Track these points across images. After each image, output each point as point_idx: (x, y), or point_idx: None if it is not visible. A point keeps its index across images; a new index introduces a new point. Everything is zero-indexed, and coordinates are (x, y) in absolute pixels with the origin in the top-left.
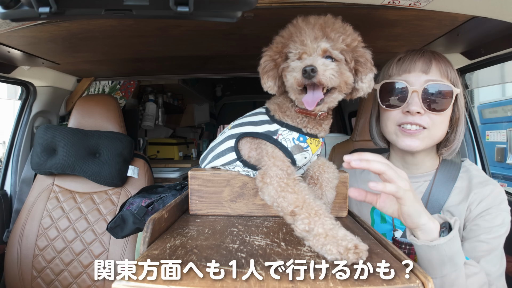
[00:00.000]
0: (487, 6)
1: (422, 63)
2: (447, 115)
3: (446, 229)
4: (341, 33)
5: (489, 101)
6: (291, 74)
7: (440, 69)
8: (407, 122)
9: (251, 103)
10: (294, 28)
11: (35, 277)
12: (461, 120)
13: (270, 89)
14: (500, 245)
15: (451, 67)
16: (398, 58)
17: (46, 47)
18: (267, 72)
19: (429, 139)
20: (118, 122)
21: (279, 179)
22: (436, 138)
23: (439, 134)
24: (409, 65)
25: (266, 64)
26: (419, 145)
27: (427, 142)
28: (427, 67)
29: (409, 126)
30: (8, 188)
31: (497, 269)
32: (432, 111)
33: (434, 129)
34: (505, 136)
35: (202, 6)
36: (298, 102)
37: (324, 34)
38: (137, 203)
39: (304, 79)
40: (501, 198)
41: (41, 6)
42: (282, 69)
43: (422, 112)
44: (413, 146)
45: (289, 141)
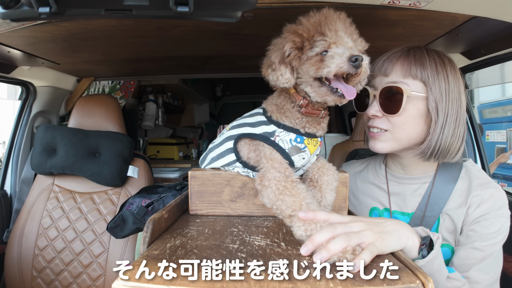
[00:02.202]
0: (487, 6)
1: (386, 65)
2: (408, 116)
3: (426, 247)
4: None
5: (489, 101)
6: (332, 61)
7: (403, 69)
8: (370, 125)
9: (251, 103)
10: (323, 17)
11: (35, 277)
12: (435, 120)
13: (287, 82)
14: (494, 252)
15: (424, 64)
16: (374, 62)
17: (46, 47)
18: (290, 61)
19: (393, 141)
20: (118, 122)
21: (277, 181)
22: (402, 139)
23: (403, 136)
24: (375, 69)
25: (291, 51)
26: (384, 147)
27: (393, 144)
28: (387, 69)
29: (372, 128)
30: (8, 188)
31: (490, 277)
32: (388, 113)
33: (395, 131)
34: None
35: (202, 6)
36: (317, 95)
37: (351, 32)
38: (137, 203)
39: (351, 67)
40: (501, 203)
41: (41, 6)
42: (307, 58)
43: (379, 115)
44: (377, 148)
45: (286, 142)
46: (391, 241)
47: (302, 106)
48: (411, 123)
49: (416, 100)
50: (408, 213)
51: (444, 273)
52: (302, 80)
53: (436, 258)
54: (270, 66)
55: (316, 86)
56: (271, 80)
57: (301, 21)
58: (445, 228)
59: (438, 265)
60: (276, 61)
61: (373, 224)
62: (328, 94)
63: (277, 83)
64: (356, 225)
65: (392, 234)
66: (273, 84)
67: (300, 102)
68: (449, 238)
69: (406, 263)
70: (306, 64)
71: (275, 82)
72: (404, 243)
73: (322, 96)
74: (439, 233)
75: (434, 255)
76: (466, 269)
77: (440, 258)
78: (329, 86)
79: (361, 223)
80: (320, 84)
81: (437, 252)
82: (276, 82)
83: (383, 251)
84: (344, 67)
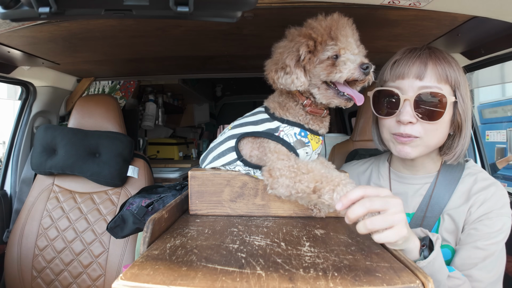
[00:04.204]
0: (487, 6)
1: (417, 67)
2: (442, 122)
3: (426, 247)
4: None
5: (489, 101)
6: (345, 67)
7: (437, 73)
8: (399, 132)
9: (251, 103)
10: (334, 22)
11: (35, 277)
12: (464, 125)
13: (301, 85)
14: (497, 251)
15: (452, 67)
16: (394, 61)
17: (46, 47)
18: (304, 64)
19: (422, 146)
20: (118, 122)
21: (289, 167)
22: (432, 145)
23: (433, 142)
24: (403, 70)
25: (305, 55)
26: (413, 153)
27: (422, 149)
28: (421, 72)
29: (401, 136)
30: (8, 188)
31: (492, 276)
32: (424, 120)
33: (427, 137)
34: (505, 136)
35: (202, 6)
36: (323, 97)
37: (356, 38)
38: (137, 203)
39: (361, 74)
40: (503, 201)
41: (41, 6)
42: (319, 61)
43: (414, 121)
44: (406, 153)
45: (291, 136)
46: (409, 236)
47: (306, 105)
48: (443, 129)
49: (449, 106)
50: (409, 213)
51: (445, 272)
52: (311, 83)
53: (436, 258)
54: (283, 69)
55: (323, 89)
56: (283, 83)
57: (312, 24)
58: (445, 229)
59: (439, 265)
60: (291, 64)
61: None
62: (334, 97)
63: (291, 86)
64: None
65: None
66: (285, 87)
67: (304, 102)
68: (449, 239)
69: (406, 263)
70: (318, 67)
71: (288, 85)
72: (409, 244)
73: (328, 99)
74: (438, 234)
75: (435, 255)
76: (468, 268)
77: (441, 258)
78: (336, 89)
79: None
80: (327, 87)
81: (438, 252)
82: (290, 86)
83: (401, 242)
84: (356, 74)
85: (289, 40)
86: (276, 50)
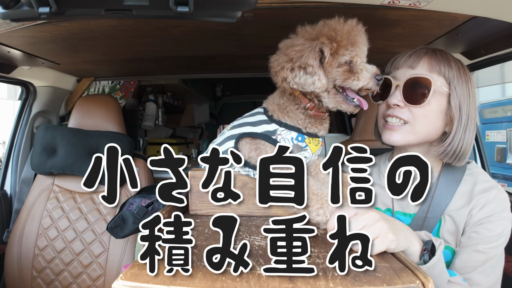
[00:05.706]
0: (487, 6)
1: (412, 59)
2: (430, 110)
3: (428, 252)
4: None
5: (489, 101)
6: (363, 76)
7: (430, 64)
8: (388, 114)
9: (251, 103)
10: (351, 28)
11: (35, 277)
12: (457, 123)
13: (321, 87)
14: (496, 255)
15: (449, 64)
16: (396, 56)
17: (46, 47)
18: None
19: (411, 134)
20: (118, 122)
21: None
22: (420, 133)
23: (422, 130)
24: (400, 62)
25: (329, 57)
26: (400, 140)
27: (409, 137)
28: (414, 63)
29: (390, 119)
30: (8, 188)
31: (491, 279)
32: (411, 103)
33: (415, 123)
34: (505, 136)
35: (202, 6)
36: (332, 101)
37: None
38: (137, 203)
39: (375, 84)
40: (504, 205)
41: (41, 6)
42: (338, 64)
43: (401, 105)
44: (393, 140)
45: (288, 140)
46: (401, 238)
47: (309, 109)
48: (432, 117)
49: (440, 96)
50: (410, 214)
51: (445, 277)
52: (330, 87)
53: (437, 264)
54: (302, 68)
55: (332, 93)
56: (301, 83)
57: (334, 26)
58: (446, 230)
59: (440, 270)
60: (314, 64)
61: (387, 219)
62: (344, 102)
63: (310, 87)
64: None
65: (402, 232)
66: (301, 87)
67: (307, 105)
68: (450, 240)
69: (406, 263)
70: (335, 71)
71: (308, 85)
72: (407, 245)
73: (337, 104)
74: (440, 236)
75: (436, 261)
76: (468, 271)
77: (442, 264)
78: (345, 95)
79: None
80: (336, 92)
81: (439, 258)
82: (310, 86)
83: (394, 246)
84: (370, 84)
85: (306, 39)
86: (288, 47)
